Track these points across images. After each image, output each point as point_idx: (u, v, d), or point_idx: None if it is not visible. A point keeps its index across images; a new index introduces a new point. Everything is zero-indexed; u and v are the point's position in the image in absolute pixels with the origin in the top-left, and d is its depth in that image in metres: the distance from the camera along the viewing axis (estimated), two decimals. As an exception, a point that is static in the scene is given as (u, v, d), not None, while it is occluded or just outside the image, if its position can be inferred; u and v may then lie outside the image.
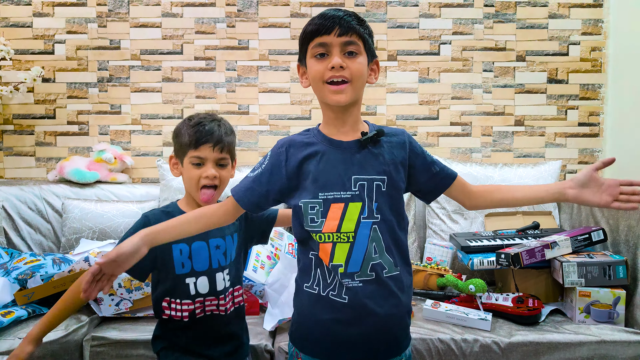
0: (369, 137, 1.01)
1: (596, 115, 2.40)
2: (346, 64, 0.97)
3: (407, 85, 2.39)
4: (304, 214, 1.00)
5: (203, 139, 1.18)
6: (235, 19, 2.37)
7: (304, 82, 1.06)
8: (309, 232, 1.01)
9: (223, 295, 1.22)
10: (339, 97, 0.98)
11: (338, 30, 0.97)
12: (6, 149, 2.39)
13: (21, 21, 2.35)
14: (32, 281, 1.59)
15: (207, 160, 1.20)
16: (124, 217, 2.06)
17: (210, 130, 1.19)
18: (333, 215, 0.98)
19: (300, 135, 1.06)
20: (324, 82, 0.99)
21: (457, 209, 2.09)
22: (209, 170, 1.18)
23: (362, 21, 1.01)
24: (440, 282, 1.81)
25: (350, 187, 0.99)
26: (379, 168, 1.01)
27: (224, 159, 1.22)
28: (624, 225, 1.73)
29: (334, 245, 0.98)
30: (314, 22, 1.00)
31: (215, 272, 1.22)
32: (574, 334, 1.52)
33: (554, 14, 2.37)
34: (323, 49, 0.98)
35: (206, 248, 1.21)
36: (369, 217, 0.99)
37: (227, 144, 1.21)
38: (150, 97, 2.38)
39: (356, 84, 0.99)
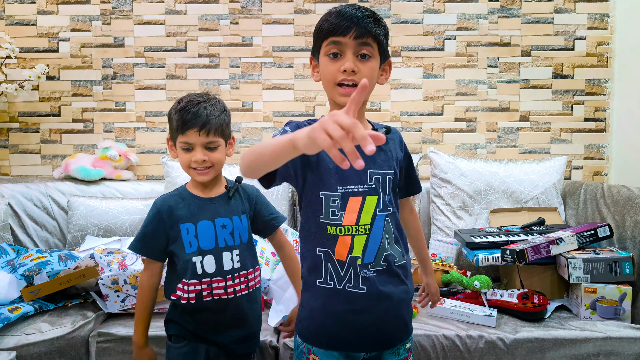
0: (383, 132, 1.05)
1: (602, 110, 2.38)
2: (358, 67, 0.98)
3: (411, 81, 2.38)
4: (324, 207, 1.01)
5: (188, 123, 1.17)
6: (238, 15, 2.36)
7: (315, 75, 1.07)
8: (325, 225, 1.01)
9: (231, 275, 1.22)
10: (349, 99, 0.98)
11: (355, 32, 0.97)
12: (12, 146, 2.40)
13: (26, 19, 2.36)
14: (38, 278, 1.60)
15: (195, 145, 1.19)
16: (129, 214, 2.06)
17: (195, 114, 1.17)
18: (351, 209, 1.00)
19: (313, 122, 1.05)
20: (335, 84, 1.00)
21: (462, 205, 2.09)
22: (197, 154, 1.18)
23: (379, 21, 1.01)
24: (445, 279, 1.81)
25: (366, 181, 1.01)
26: (389, 163, 1.06)
27: (213, 142, 1.20)
28: (630, 221, 1.72)
29: (353, 238, 1.00)
30: (330, 20, 0.99)
31: (222, 252, 1.22)
32: (579, 330, 1.51)
33: (559, 8, 2.35)
34: (337, 48, 0.99)
35: (212, 227, 1.22)
36: (383, 210, 1.02)
37: (214, 126, 1.18)
38: (155, 94, 2.39)
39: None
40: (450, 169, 2.12)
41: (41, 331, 1.48)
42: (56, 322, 1.53)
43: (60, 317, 1.57)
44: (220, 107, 1.23)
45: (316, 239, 1.03)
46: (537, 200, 2.06)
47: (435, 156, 2.16)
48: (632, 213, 1.73)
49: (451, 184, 2.10)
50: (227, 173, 1.34)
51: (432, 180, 2.16)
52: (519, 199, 2.06)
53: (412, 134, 2.39)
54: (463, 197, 2.08)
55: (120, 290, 1.62)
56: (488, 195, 2.08)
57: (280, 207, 2.09)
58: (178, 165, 2.13)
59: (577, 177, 2.39)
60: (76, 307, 1.66)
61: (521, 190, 2.07)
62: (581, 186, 2.08)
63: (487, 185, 2.08)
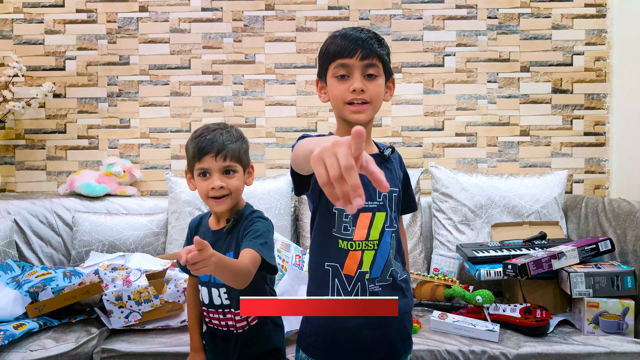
0: (389, 153, 1.09)
1: (602, 124, 2.40)
2: (366, 87, 1.02)
3: (412, 96, 2.41)
4: (337, 221, 1.03)
5: (205, 149, 1.16)
6: (241, 33, 2.41)
7: (322, 96, 1.10)
8: (337, 239, 1.03)
9: (222, 310, 1.20)
10: (359, 116, 1.03)
11: (360, 54, 1.01)
12: (18, 163, 2.43)
13: (33, 38, 2.41)
14: (43, 294, 1.62)
15: (212, 171, 1.16)
16: (133, 230, 2.08)
17: (211, 139, 1.16)
18: (362, 224, 1.03)
19: None
20: (345, 103, 1.03)
21: (464, 220, 2.10)
22: (215, 181, 1.15)
23: (382, 42, 1.05)
24: (448, 293, 1.81)
25: (376, 197, 1.04)
26: (394, 181, 1.09)
27: (230, 166, 1.17)
28: (632, 235, 1.73)
29: (363, 253, 1.03)
30: (336, 42, 1.03)
31: (211, 287, 1.20)
32: (582, 345, 1.51)
33: (557, 25, 2.39)
34: (344, 70, 1.02)
35: None
36: (390, 227, 1.05)
37: (231, 151, 1.16)
38: (159, 111, 2.42)
39: (375, 104, 1.05)
40: (451, 184, 2.13)
41: (46, 347, 1.49)
42: (60, 339, 1.54)
43: (65, 333, 1.58)
44: (237, 134, 1.21)
45: (326, 254, 1.05)
46: (538, 214, 2.07)
47: (437, 171, 2.18)
48: (633, 227, 1.73)
49: (453, 199, 2.12)
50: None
51: (434, 195, 2.18)
52: (520, 213, 2.07)
53: (413, 148, 2.41)
54: (465, 211, 2.10)
55: (124, 306, 1.63)
56: (489, 209, 2.09)
57: (283, 222, 2.10)
58: (182, 181, 2.16)
59: (578, 191, 2.40)
60: (80, 323, 1.67)
61: (522, 205, 2.08)
62: (582, 200, 2.09)
63: (488, 199, 2.09)
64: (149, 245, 2.09)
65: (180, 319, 1.70)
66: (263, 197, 2.10)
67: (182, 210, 2.11)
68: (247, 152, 1.23)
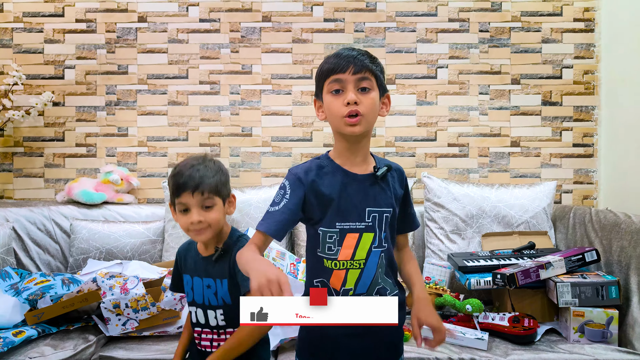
0: (383, 173, 1.10)
1: (590, 136, 2.46)
2: (360, 99, 1.06)
3: (405, 107, 2.46)
4: (322, 242, 1.07)
5: (182, 187, 1.20)
6: (238, 44, 2.45)
7: (320, 114, 1.14)
8: (322, 258, 1.07)
9: (217, 331, 1.24)
10: (354, 128, 1.06)
11: (353, 68, 1.05)
12: (16, 170, 2.46)
13: (33, 47, 2.44)
14: (42, 301, 1.65)
15: (190, 206, 1.20)
16: (130, 238, 2.11)
17: (189, 177, 1.20)
18: (348, 244, 1.07)
19: (313, 163, 1.12)
20: (342, 117, 1.06)
21: (455, 229, 2.14)
22: (193, 216, 1.19)
23: (374, 59, 1.10)
24: (438, 302, 1.85)
25: (364, 219, 1.07)
26: (388, 201, 1.11)
27: (208, 200, 1.20)
28: (617, 246, 1.78)
29: (347, 272, 1.07)
30: (329, 61, 1.08)
31: (207, 309, 1.25)
32: (568, 353, 1.55)
33: (547, 38, 2.45)
34: (338, 85, 1.07)
35: (200, 284, 1.25)
36: (378, 246, 1.08)
37: (208, 186, 1.20)
38: (157, 120, 2.46)
39: (369, 117, 1.08)
40: (443, 194, 2.18)
41: (44, 355, 1.52)
42: (59, 346, 1.57)
43: (63, 340, 1.61)
44: (215, 167, 1.24)
45: (314, 271, 1.10)
46: (527, 224, 2.12)
47: (429, 181, 2.22)
48: (618, 238, 1.79)
49: (444, 208, 2.16)
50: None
51: (426, 205, 2.22)
52: (510, 223, 2.12)
53: (407, 158, 2.46)
54: (456, 221, 2.14)
55: (121, 313, 1.66)
56: (480, 219, 2.14)
57: None
58: (179, 189, 2.19)
59: (567, 201, 2.46)
60: (78, 330, 1.70)
61: (512, 215, 2.13)
62: (570, 210, 2.15)
63: (479, 209, 2.14)
64: (146, 253, 2.12)
65: (177, 325, 1.73)
66: (259, 206, 2.14)
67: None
68: (226, 183, 1.26)
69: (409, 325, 1.77)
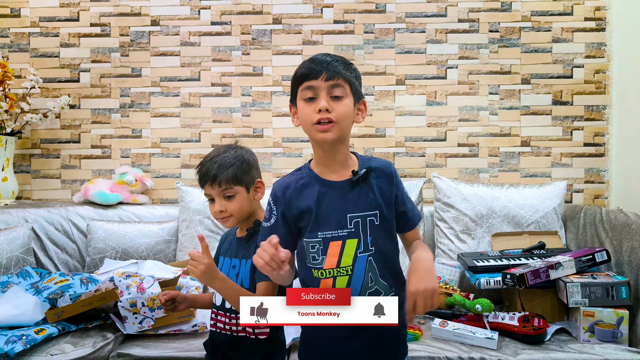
0: (359, 176, 1.08)
1: (601, 135, 2.45)
2: (332, 107, 1.05)
3: (415, 108, 2.48)
4: (307, 252, 1.09)
5: (202, 179, 1.28)
6: (250, 47, 2.49)
7: (295, 121, 1.13)
8: (310, 269, 1.10)
9: (229, 314, 1.28)
10: (325, 135, 1.05)
11: (325, 75, 1.04)
12: (33, 171, 2.52)
13: (49, 51, 2.50)
14: (61, 300, 1.69)
15: (214, 196, 1.28)
16: (145, 238, 2.16)
17: (208, 169, 1.27)
18: (332, 252, 1.07)
19: (294, 177, 1.13)
20: (313, 124, 1.06)
21: (465, 229, 2.16)
22: (216, 206, 1.28)
23: (349, 65, 1.09)
24: (448, 301, 1.87)
25: (346, 225, 1.07)
26: (371, 204, 1.09)
27: (228, 190, 1.26)
28: (627, 246, 1.79)
29: (335, 279, 1.08)
30: (304, 66, 1.08)
31: None
32: (578, 353, 1.56)
33: (557, 38, 2.45)
34: (311, 92, 1.06)
35: (228, 264, 1.31)
36: (364, 251, 1.07)
37: (225, 177, 1.25)
38: (170, 122, 2.50)
39: (342, 124, 1.06)
40: (453, 194, 2.19)
41: (65, 352, 1.57)
42: (78, 343, 1.62)
43: (82, 338, 1.66)
44: (235, 157, 1.28)
45: (305, 281, 1.12)
46: (537, 224, 2.13)
47: (439, 181, 2.24)
48: (628, 238, 1.79)
49: (454, 208, 2.18)
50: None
51: (436, 205, 2.24)
52: (520, 222, 2.13)
53: (417, 158, 2.47)
54: (466, 221, 2.16)
55: (138, 312, 1.70)
56: (490, 219, 2.15)
57: None
58: (192, 190, 2.24)
59: (578, 201, 2.46)
60: (96, 328, 1.75)
61: (522, 215, 2.14)
62: (581, 210, 2.15)
63: (489, 209, 2.15)
64: (160, 253, 2.17)
65: (192, 323, 1.77)
66: (270, 206, 2.17)
67: (192, 218, 2.19)
68: (248, 171, 1.29)
69: (418, 324, 1.80)
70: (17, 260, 2.01)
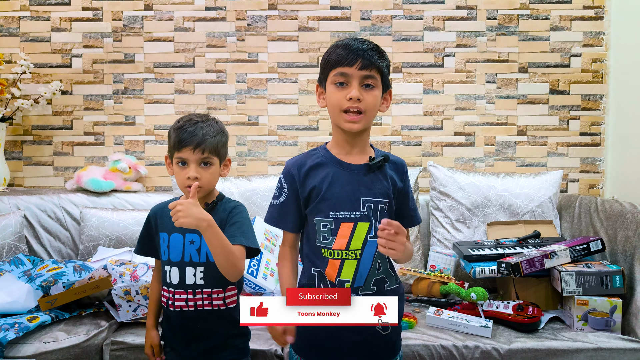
0: (377, 162, 1.10)
1: (597, 125, 2.45)
2: (363, 96, 1.06)
3: (411, 96, 2.46)
4: (317, 231, 1.09)
5: (184, 141, 1.22)
6: (245, 32, 2.45)
7: (320, 102, 1.15)
8: (319, 248, 1.09)
9: (192, 290, 1.25)
10: (353, 125, 1.07)
11: (360, 63, 1.05)
12: (25, 158, 2.48)
13: (40, 36, 2.45)
14: (54, 288, 1.68)
15: (189, 161, 1.23)
16: (139, 225, 2.11)
17: (192, 133, 1.22)
18: (342, 234, 1.07)
19: (309, 156, 1.14)
20: (341, 110, 1.07)
21: (460, 218, 2.16)
22: (191, 171, 1.22)
23: (382, 54, 1.09)
24: (443, 290, 1.87)
25: (359, 208, 1.08)
26: (383, 191, 1.11)
27: (207, 159, 1.24)
28: (622, 235, 1.79)
29: (342, 262, 1.07)
30: (338, 52, 1.07)
31: (186, 266, 1.25)
32: (571, 341, 1.58)
33: (555, 26, 2.43)
34: (343, 78, 1.06)
35: (181, 241, 1.26)
36: (375, 236, 1.07)
37: (209, 144, 1.22)
38: (164, 109, 2.47)
39: (369, 115, 1.09)
40: (449, 183, 2.19)
41: (58, 339, 1.56)
42: (72, 331, 1.61)
43: (76, 326, 1.65)
44: (218, 127, 1.27)
45: (312, 260, 1.11)
46: (533, 213, 2.13)
47: (435, 170, 2.23)
48: (623, 228, 1.79)
49: (450, 197, 2.17)
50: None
51: (432, 194, 2.23)
52: (516, 212, 2.13)
53: (413, 147, 2.46)
54: (461, 210, 2.16)
55: (132, 300, 1.69)
56: (486, 208, 2.15)
57: None
58: (186, 178, 2.22)
59: (573, 190, 2.46)
60: (90, 316, 1.74)
61: (518, 204, 2.14)
62: (576, 199, 2.15)
63: (484, 198, 2.15)
64: (155, 241, 2.15)
65: (186, 312, 1.77)
66: (265, 194, 2.16)
67: (187, 206, 2.17)
68: (225, 144, 1.29)
69: (414, 312, 1.81)
70: (9, 248, 1.99)
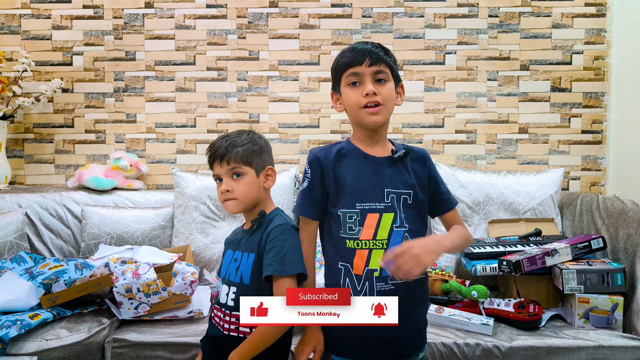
0: (400, 155, 1.14)
1: (599, 122, 2.44)
2: (378, 90, 1.11)
3: (413, 94, 2.45)
4: (343, 223, 1.11)
5: (212, 158, 1.25)
6: (245, 30, 2.45)
7: (338, 107, 1.20)
8: (344, 239, 1.11)
9: (224, 310, 1.21)
10: (376, 117, 1.12)
11: (369, 60, 1.11)
12: (27, 156, 2.49)
13: (41, 34, 2.45)
14: (56, 286, 1.68)
15: (222, 176, 1.24)
16: (140, 223, 2.15)
17: (218, 147, 1.23)
18: (369, 224, 1.10)
19: (334, 147, 1.18)
20: (361, 107, 1.11)
21: (462, 216, 2.15)
22: (222, 185, 1.23)
23: (387, 51, 1.15)
24: (445, 288, 1.87)
25: (383, 199, 1.11)
26: (406, 183, 1.14)
27: (236, 169, 1.21)
28: (623, 233, 1.79)
29: (370, 252, 1.09)
30: (346, 55, 1.14)
31: (224, 284, 1.23)
32: (572, 339, 1.57)
33: (557, 23, 2.42)
34: (356, 78, 1.12)
35: (230, 257, 1.25)
36: (400, 226, 1.11)
37: (234, 154, 1.21)
38: (164, 107, 2.47)
39: (388, 106, 1.13)
40: (450, 181, 2.18)
41: (60, 337, 1.56)
42: (73, 329, 1.61)
43: (77, 323, 1.65)
44: (248, 138, 1.25)
45: (337, 253, 1.13)
46: (534, 211, 2.12)
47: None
48: (624, 226, 1.79)
49: (451, 195, 2.17)
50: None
51: (433, 191, 2.23)
52: (517, 210, 2.13)
53: (414, 145, 2.45)
54: (463, 207, 2.15)
55: (133, 298, 1.69)
56: (487, 206, 2.14)
57: (287, 198, 2.14)
58: (187, 175, 2.22)
59: (574, 188, 2.46)
60: (91, 313, 1.74)
61: (519, 202, 2.13)
62: (578, 197, 2.15)
63: (486, 196, 2.15)
64: (156, 239, 2.15)
65: (187, 310, 1.77)
66: (266, 193, 2.16)
67: (188, 204, 2.17)
68: (260, 154, 1.24)
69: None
70: (10, 246, 1.99)
